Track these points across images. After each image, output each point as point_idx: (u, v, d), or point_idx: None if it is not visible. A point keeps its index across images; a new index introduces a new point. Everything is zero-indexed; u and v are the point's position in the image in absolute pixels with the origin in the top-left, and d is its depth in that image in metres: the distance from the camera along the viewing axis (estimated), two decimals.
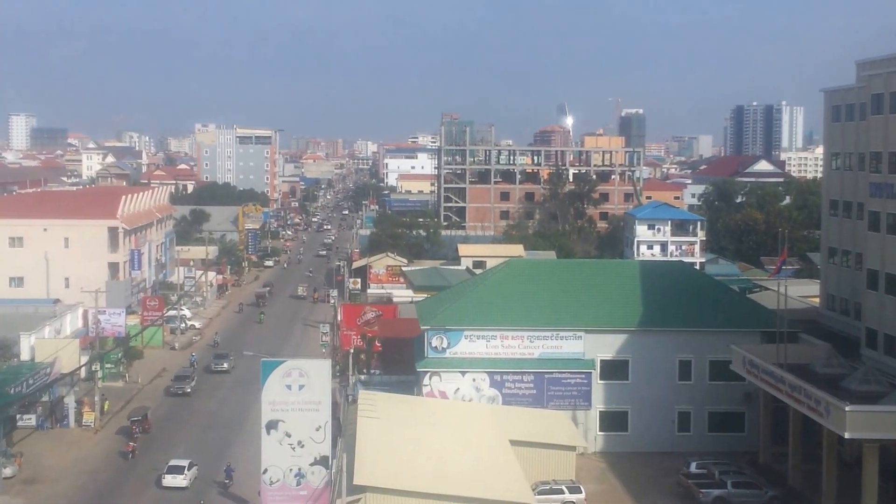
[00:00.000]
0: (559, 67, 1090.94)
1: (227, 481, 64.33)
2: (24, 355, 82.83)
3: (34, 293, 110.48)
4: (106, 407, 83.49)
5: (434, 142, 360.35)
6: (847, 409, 52.02)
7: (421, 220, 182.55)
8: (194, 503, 61.76)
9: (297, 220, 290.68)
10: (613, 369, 72.22)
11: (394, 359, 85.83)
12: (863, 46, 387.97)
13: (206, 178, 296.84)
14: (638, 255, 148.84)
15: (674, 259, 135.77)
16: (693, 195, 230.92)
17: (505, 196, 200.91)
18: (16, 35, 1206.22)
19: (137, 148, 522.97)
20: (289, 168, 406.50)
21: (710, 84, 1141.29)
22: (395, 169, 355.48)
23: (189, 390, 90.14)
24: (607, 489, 64.01)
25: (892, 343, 63.57)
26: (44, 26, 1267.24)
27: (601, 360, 71.95)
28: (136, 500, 63.90)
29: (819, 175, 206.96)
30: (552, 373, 71.29)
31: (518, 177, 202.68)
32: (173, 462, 66.66)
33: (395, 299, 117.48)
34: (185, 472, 65.21)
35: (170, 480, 64.67)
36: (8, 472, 66.26)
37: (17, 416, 75.09)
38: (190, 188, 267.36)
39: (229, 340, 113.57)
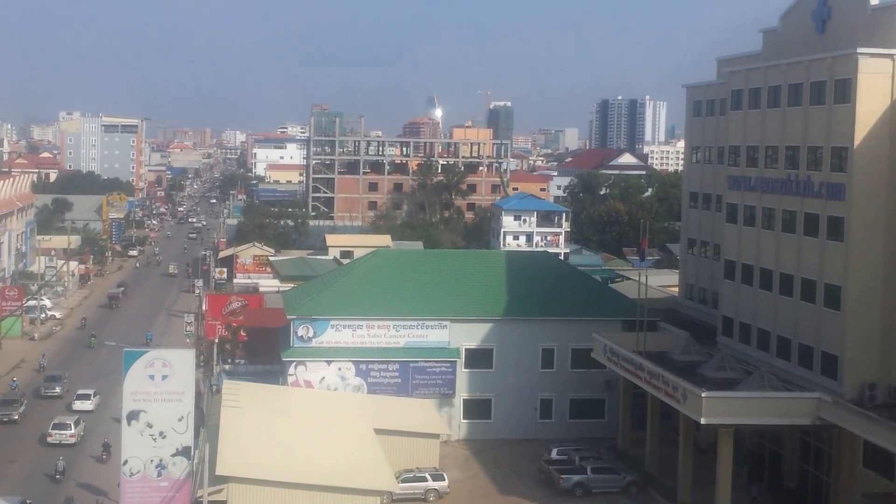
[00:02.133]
0: (429, 59, 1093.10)
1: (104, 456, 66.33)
2: None
3: None
4: None
5: (304, 132, 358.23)
6: (703, 395, 53.56)
7: (289, 210, 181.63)
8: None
9: (162, 210, 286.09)
10: (478, 358, 73.05)
11: (259, 349, 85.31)
12: (724, 44, 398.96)
13: (70, 166, 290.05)
14: (504, 245, 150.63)
15: (539, 249, 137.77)
16: (559, 187, 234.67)
17: (373, 187, 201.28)
18: None
19: None
20: (155, 157, 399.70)
21: (576, 78, 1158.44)
22: (264, 159, 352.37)
23: (17, 417, 76.14)
24: (470, 476, 64.85)
25: (748, 331, 65.69)
26: None
27: (466, 349, 72.72)
28: None
29: (680, 168, 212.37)
30: (417, 361, 71.82)
31: (387, 168, 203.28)
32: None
33: (261, 289, 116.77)
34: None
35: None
36: None
37: None
38: (53, 177, 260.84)
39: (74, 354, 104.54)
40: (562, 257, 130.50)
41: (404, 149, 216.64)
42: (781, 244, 62.08)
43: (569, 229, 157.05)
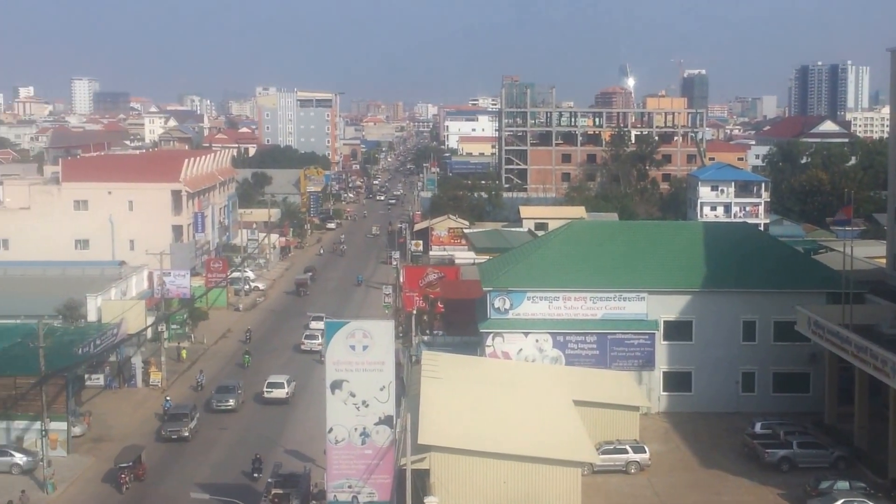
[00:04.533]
0: (621, 28, 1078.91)
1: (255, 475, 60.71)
2: (91, 316, 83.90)
3: (99, 255, 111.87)
4: (184, 355, 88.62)
5: (495, 104, 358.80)
6: None
7: (482, 182, 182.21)
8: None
9: (358, 183, 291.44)
10: (677, 330, 71.65)
11: (456, 320, 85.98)
12: None
13: (268, 141, 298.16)
14: (701, 216, 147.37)
15: (738, 220, 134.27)
16: (757, 156, 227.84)
17: (566, 158, 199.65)
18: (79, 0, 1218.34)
19: (199, 111, 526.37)
20: (349, 131, 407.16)
21: (774, 44, 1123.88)
22: (456, 131, 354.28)
23: (187, 434, 68.44)
24: (672, 449, 63.78)
25: None
26: None
27: (664, 321, 71.43)
28: (205, 454, 65.03)
29: (886, 135, 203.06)
30: (615, 333, 71.03)
31: (579, 139, 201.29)
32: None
33: (457, 261, 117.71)
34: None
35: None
36: (77, 430, 67.36)
37: (86, 376, 76.27)
38: (251, 151, 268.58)
39: (278, 323, 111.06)
40: (761, 228, 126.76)
41: (597, 119, 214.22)
42: None
43: (768, 200, 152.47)
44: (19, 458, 61.54)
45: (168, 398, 73.77)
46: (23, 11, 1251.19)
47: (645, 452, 60.25)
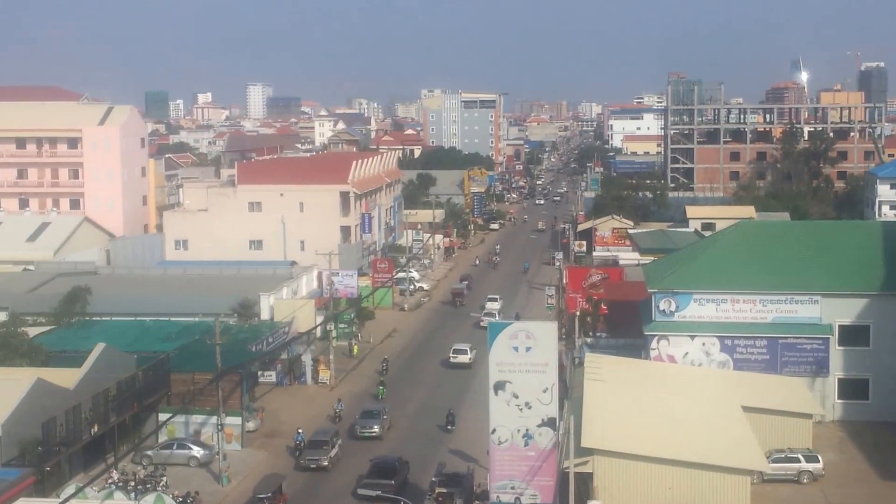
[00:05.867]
0: (792, 21, 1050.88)
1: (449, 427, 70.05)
2: (264, 315, 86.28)
3: (272, 255, 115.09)
4: (355, 351, 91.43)
5: (660, 102, 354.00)
6: None
7: (647, 181, 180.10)
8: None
9: (521, 183, 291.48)
10: (853, 335, 68.91)
11: (620, 322, 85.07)
12: None
13: (433, 142, 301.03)
14: (880, 215, 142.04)
15: None
16: None
17: (735, 156, 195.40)
18: (253, 8, 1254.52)
19: (366, 114, 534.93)
20: (513, 131, 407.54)
21: None
22: (621, 130, 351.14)
23: (326, 463, 63.74)
24: (847, 459, 61.42)
25: None
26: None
27: (839, 326, 68.91)
28: (376, 446, 66.02)
29: None
30: (786, 338, 68.99)
31: (749, 136, 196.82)
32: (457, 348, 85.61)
33: (621, 262, 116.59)
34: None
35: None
36: (251, 425, 69.41)
37: (259, 373, 78.45)
38: (417, 153, 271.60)
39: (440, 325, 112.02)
40: None
41: (767, 116, 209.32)
42: None
43: None
44: (197, 451, 63.88)
45: (300, 430, 66.81)
46: (202, 22, 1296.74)
47: (818, 462, 58.35)
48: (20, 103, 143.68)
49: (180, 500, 55.44)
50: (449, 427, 70.87)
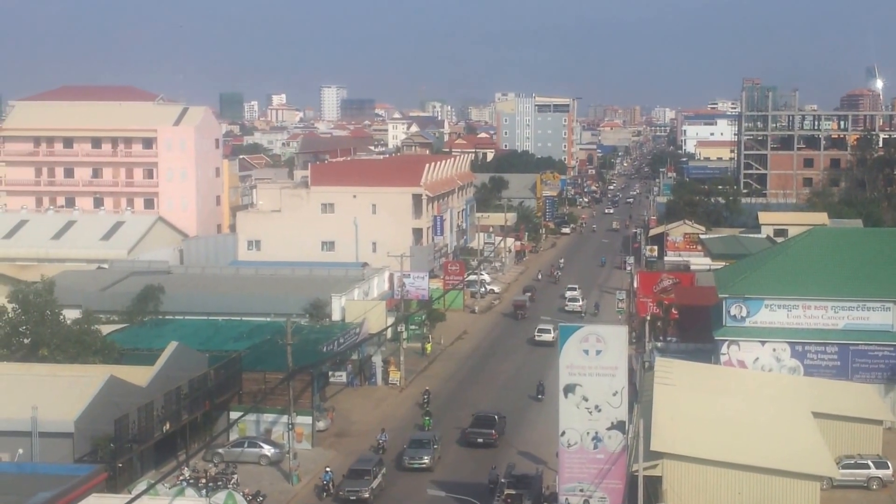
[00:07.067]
0: (868, 27, 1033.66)
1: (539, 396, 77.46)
2: (335, 315, 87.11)
3: (344, 257, 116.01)
4: (428, 349, 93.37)
5: (734, 108, 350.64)
6: None
7: (720, 187, 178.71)
8: None
9: (593, 188, 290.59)
10: None
11: (691, 327, 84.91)
12: None
13: (506, 146, 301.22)
14: None
15: None
16: None
17: (808, 163, 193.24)
18: (328, 10, 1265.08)
19: (440, 117, 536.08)
20: (586, 136, 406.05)
21: None
22: (694, 136, 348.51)
23: (367, 495, 57.95)
24: None
25: None
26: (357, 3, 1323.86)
27: None
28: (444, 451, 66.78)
29: None
30: (858, 345, 68.67)
31: (822, 143, 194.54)
32: None
33: (692, 267, 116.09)
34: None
35: None
36: (321, 425, 70.18)
37: (330, 373, 79.39)
38: (489, 156, 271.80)
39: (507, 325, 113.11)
40: None
41: (841, 122, 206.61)
42: None
43: None
44: (267, 450, 64.63)
45: (328, 469, 60.45)
46: (277, 23, 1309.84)
47: (888, 468, 58.05)
48: (96, 103, 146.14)
49: (250, 497, 56.05)
50: (539, 396, 77.80)
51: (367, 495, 57.61)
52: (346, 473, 59.31)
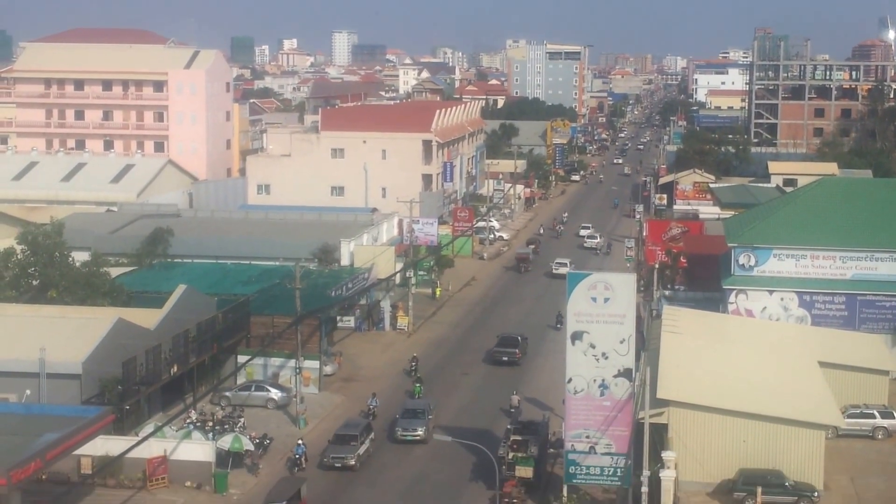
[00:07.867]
0: None
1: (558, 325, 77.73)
2: (344, 260, 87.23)
3: (353, 202, 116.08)
4: (437, 293, 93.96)
5: (746, 57, 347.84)
6: None
7: (730, 136, 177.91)
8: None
9: (604, 136, 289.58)
10: None
11: (699, 275, 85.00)
12: None
13: (516, 93, 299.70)
14: None
15: None
16: None
17: (819, 113, 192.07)
18: None
19: (451, 64, 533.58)
20: (597, 84, 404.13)
21: None
22: (705, 85, 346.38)
23: (353, 462, 54.50)
24: None
25: None
26: None
27: None
28: (447, 394, 67.13)
29: None
30: (866, 295, 68.65)
31: (834, 93, 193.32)
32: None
33: (701, 216, 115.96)
34: None
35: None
36: (329, 369, 70.45)
37: (338, 318, 79.59)
38: (500, 103, 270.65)
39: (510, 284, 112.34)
40: None
41: (853, 73, 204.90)
42: None
43: None
44: (275, 394, 64.89)
45: (301, 441, 55.47)
46: None
47: (893, 418, 58.15)
48: (107, 46, 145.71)
49: (257, 440, 56.37)
50: (558, 326, 79.69)
51: (352, 462, 54.19)
52: (331, 439, 55.80)
